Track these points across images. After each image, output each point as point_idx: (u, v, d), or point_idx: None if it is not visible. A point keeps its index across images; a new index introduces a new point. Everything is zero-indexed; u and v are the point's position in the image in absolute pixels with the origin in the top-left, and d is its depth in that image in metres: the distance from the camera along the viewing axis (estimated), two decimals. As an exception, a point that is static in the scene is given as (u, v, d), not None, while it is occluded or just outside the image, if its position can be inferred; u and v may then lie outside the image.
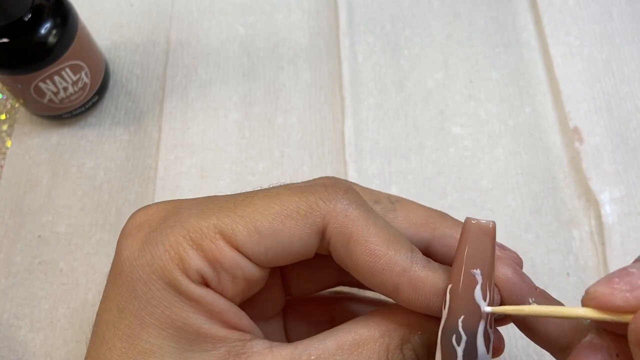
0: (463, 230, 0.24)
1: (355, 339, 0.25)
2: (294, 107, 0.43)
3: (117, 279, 0.25)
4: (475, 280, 0.24)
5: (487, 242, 0.24)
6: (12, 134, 0.44)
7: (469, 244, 0.24)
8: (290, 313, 0.33)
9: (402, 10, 0.46)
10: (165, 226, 0.25)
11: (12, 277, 0.39)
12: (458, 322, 0.24)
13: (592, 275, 0.37)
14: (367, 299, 0.34)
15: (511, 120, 0.42)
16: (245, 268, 0.25)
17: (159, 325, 0.24)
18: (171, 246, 0.24)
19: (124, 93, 0.45)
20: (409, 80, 0.44)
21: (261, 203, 0.25)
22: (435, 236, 0.28)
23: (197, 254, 0.24)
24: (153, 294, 0.24)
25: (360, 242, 0.25)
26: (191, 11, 0.47)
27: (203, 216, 0.25)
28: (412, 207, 0.29)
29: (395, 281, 0.25)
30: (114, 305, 0.25)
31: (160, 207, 0.27)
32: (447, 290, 0.24)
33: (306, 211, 0.25)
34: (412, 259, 0.25)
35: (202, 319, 0.24)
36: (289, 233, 0.25)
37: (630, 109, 0.42)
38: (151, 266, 0.24)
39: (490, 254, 0.24)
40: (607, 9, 0.45)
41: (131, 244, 0.25)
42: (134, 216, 0.27)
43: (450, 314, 0.24)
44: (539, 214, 0.39)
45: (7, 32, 0.37)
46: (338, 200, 0.25)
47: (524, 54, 0.44)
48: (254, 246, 0.25)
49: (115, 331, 0.25)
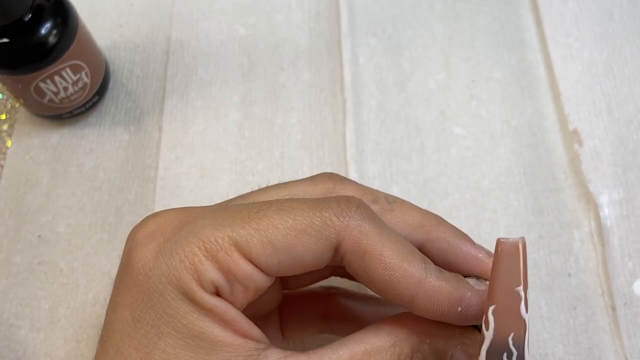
0: (497, 251, 0.25)
1: (367, 348, 0.26)
2: (294, 107, 0.43)
3: (132, 289, 0.25)
4: (519, 296, 0.24)
5: (521, 258, 0.25)
6: (12, 134, 0.43)
7: (506, 265, 0.25)
8: (283, 309, 0.33)
9: (404, 12, 0.46)
10: (179, 236, 0.25)
11: (12, 277, 0.39)
12: (508, 340, 0.24)
13: (592, 277, 0.38)
14: (359, 294, 0.34)
15: (513, 120, 0.42)
16: (257, 279, 0.25)
17: (176, 334, 0.24)
18: (187, 257, 0.24)
19: (124, 93, 0.45)
20: (410, 81, 0.44)
21: (275, 216, 0.25)
22: (429, 239, 0.29)
23: (212, 265, 0.24)
24: (169, 304, 0.24)
25: (375, 256, 0.25)
26: (191, 11, 0.47)
27: (218, 227, 0.25)
28: (409, 209, 0.30)
29: (411, 292, 0.25)
30: (128, 315, 0.25)
31: (172, 216, 0.27)
32: (490, 312, 0.24)
33: (320, 226, 0.25)
34: (426, 270, 0.26)
35: (217, 328, 0.25)
36: (302, 247, 0.25)
37: (631, 110, 0.42)
38: (167, 277, 0.24)
39: (525, 269, 0.25)
40: (608, 11, 0.45)
41: (145, 254, 0.25)
42: (144, 224, 0.27)
43: (499, 334, 0.24)
44: (541, 214, 0.39)
45: (7, 32, 0.37)
46: (351, 216, 0.26)
47: (526, 54, 0.44)
48: (268, 259, 0.25)
49: (131, 341, 0.25)
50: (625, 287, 0.37)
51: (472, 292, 0.26)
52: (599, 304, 0.37)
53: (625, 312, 0.36)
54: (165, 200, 0.41)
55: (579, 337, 0.36)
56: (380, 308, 0.33)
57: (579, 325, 0.36)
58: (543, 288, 0.37)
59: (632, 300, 0.37)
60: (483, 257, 0.29)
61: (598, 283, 0.37)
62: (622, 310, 0.36)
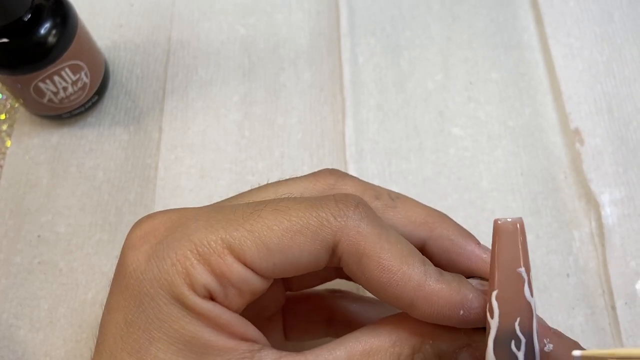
0: (495, 232, 0.24)
1: (365, 348, 0.25)
2: (294, 107, 0.43)
3: (124, 292, 0.25)
4: (522, 278, 0.24)
5: (520, 238, 0.24)
6: (12, 134, 0.44)
7: (505, 245, 0.24)
8: (288, 312, 0.33)
9: (402, 12, 0.46)
10: (171, 239, 0.25)
11: (12, 277, 0.39)
12: (515, 325, 0.23)
13: (592, 277, 0.37)
14: (365, 297, 0.33)
15: (511, 121, 0.42)
16: (252, 282, 0.25)
17: (167, 339, 0.24)
18: (178, 260, 0.24)
19: (124, 93, 0.45)
20: (409, 82, 0.44)
21: (270, 217, 0.25)
22: (432, 236, 0.28)
23: (204, 269, 0.24)
24: (161, 309, 0.24)
25: (373, 258, 0.25)
26: (192, 11, 0.47)
27: (211, 229, 0.25)
28: (412, 205, 0.29)
29: (410, 296, 0.25)
30: (121, 318, 0.25)
31: (166, 217, 0.26)
32: (493, 298, 0.24)
33: (316, 227, 0.25)
34: (426, 273, 0.25)
35: (209, 332, 0.24)
36: (298, 249, 0.25)
37: (631, 110, 0.42)
38: (158, 280, 0.24)
39: (525, 249, 0.24)
40: (608, 11, 0.45)
41: (137, 257, 0.25)
42: (138, 226, 0.26)
43: (504, 320, 0.23)
44: (538, 215, 0.39)
45: (7, 32, 0.37)
46: (349, 216, 0.25)
47: (524, 55, 0.44)
48: (262, 262, 0.24)
49: (124, 345, 0.24)
50: (628, 287, 0.37)
51: (474, 294, 0.25)
52: (599, 303, 0.37)
53: (626, 311, 0.36)
54: (165, 200, 0.41)
55: (577, 337, 0.36)
56: (387, 313, 0.33)
57: (578, 326, 0.36)
58: (540, 288, 0.37)
59: (635, 299, 0.36)
60: (487, 259, 0.28)
61: (598, 283, 0.37)
62: (623, 309, 0.36)
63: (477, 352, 0.26)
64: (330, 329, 0.33)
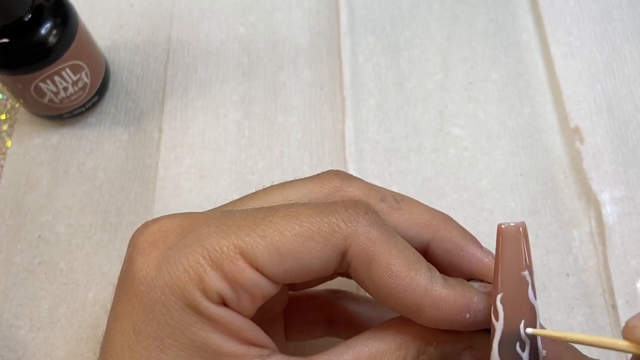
0: (498, 236, 0.24)
1: (372, 352, 0.25)
2: (294, 106, 0.43)
3: (132, 299, 0.25)
4: (526, 281, 0.24)
5: (524, 242, 0.24)
6: (12, 134, 0.44)
7: (508, 249, 0.24)
8: (288, 312, 0.33)
9: (402, 12, 0.46)
10: (183, 244, 0.25)
11: (12, 277, 0.39)
12: (520, 328, 0.24)
13: (592, 276, 0.37)
14: (365, 298, 0.34)
15: (510, 121, 0.42)
16: (264, 287, 0.25)
17: (178, 346, 0.24)
18: (191, 267, 0.24)
19: (124, 93, 0.45)
20: (408, 82, 0.44)
21: (282, 222, 0.25)
22: (436, 239, 0.28)
23: (217, 275, 0.24)
24: (172, 315, 0.24)
25: (382, 264, 0.25)
26: (191, 11, 0.47)
27: (223, 235, 0.24)
28: (416, 207, 0.29)
29: (418, 302, 0.25)
30: (129, 326, 0.24)
31: (175, 223, 0.26)
32: (498, 300, 0.24)
33: (328, 232, 0.25)
34: (432, 279, 0.25)
35: (221, 338, 0.24)
36: (309, 254, 0.25)
37: (631, 109, 0.42)
38: (170, 287, 0.24)
39: (529, 253, 0.24)
40: (608, 10, 0.45)
41: (147, 263, 0.25)
42: (145, 230, 0.26)
43: (509, 322, 0.24)
44: (538, 215, 0.39)
45: (7, 32, 0.37)
46: (359, 222, 0.25)
47: (523, 55, 0.44)
48: (274, 267, 0.24)
49: (132, 354, 0.24)
50: (629, 285, 0.37)
51: (478, 296, 0.25)
52: (599, 303, 0.37)
53: (627, 310, 0.36)
54: (165, 200, 0.41)
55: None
56: (387, 314, 0.33)
57: (578, 325, 0.36)
58: (540, 288, 0.37)
59: (635, 298, 0.36)
60: (489, 262, 0.28)
61: (598, 282, 0.37)
62: (624, 308, 0.36)
63: (479, 353, 0.26)
64: (330, 329, 0.33)
